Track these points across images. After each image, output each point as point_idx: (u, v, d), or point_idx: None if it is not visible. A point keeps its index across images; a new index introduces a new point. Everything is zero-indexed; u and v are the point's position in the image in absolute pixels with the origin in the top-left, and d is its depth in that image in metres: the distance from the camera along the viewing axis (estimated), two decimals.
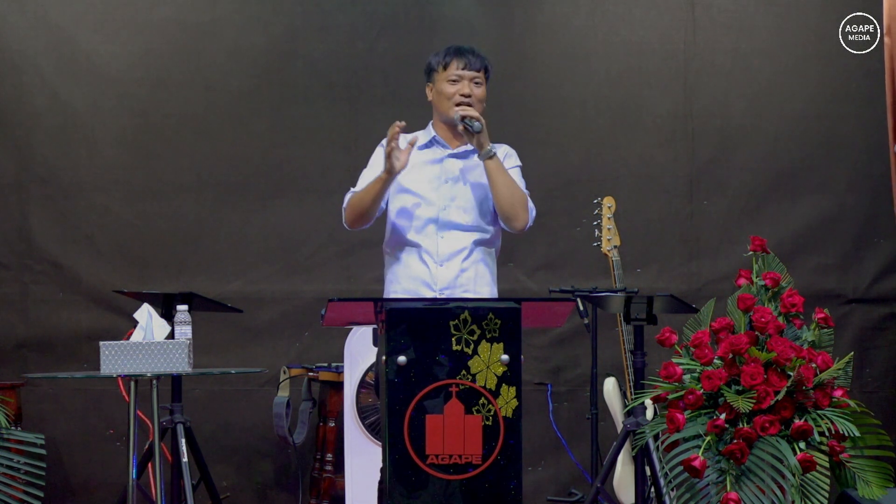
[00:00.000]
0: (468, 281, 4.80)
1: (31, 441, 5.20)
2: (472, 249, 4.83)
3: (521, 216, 4.81)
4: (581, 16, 6.76)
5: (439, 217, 4.81)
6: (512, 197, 4.77)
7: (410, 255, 4.83)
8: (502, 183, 4.76)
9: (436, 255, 4.80)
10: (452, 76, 4.83)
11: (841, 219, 6.75)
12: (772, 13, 6.77)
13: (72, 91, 6.60)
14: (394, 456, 4.14)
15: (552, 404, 6.48)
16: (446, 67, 4.84)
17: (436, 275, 4.78)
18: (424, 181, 4.85)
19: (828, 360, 4.65)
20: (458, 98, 4.81)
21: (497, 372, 4.19)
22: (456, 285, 4.78)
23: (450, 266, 4.80)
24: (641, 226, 6.66)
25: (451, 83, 4.83)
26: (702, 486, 4.54)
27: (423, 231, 4.82)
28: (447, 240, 4.81)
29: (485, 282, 4.84)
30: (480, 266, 4.85)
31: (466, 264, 4.82)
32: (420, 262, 4.81)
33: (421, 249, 4.81)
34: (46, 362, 6.49)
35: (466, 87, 4.82)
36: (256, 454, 6.62)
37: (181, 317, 5.13)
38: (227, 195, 6.65)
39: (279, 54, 6.68)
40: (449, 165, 4.87)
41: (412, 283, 4.82)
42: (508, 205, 4.77)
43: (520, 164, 4.97)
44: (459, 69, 4.82)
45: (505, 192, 4.76)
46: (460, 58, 4.83)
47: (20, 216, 6.59)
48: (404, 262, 4.84)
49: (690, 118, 6.75)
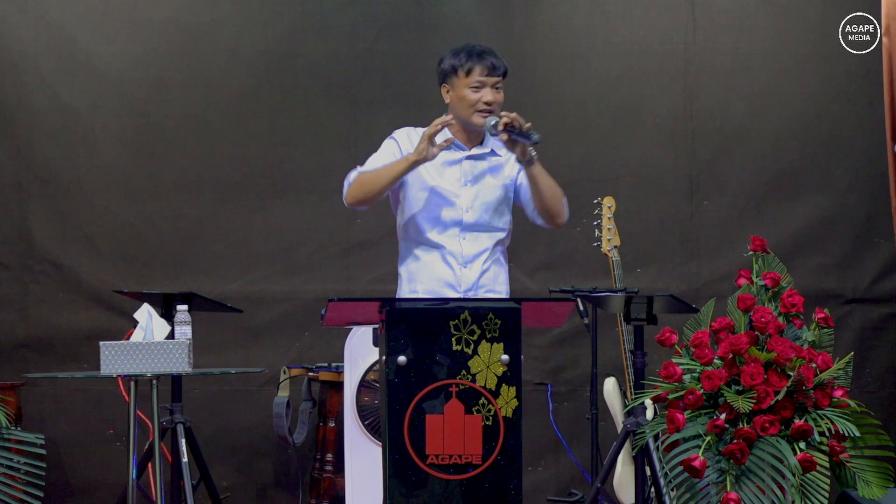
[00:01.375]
0: (489, 280, 4.83)
1: (31, 441, 5.20)
2: (492, 250, 4.84)
3: (563, 213, 4.86)
4: (581, 16, 6.76)
5: (463, 219, 4.80)
6: (555, 196, 4.82)
7: (433, 256, 4.81)
8: (547, 186, 4.79)
9: (460, 257, 4.79)
10: (475, 83, 4.73)
11: (841, 219, 6.75)
12: (772, 13, 6.77)
13: (72, 91, 6.60)
14: (394, 456, 4.14)
15: (552, 404, 6.48)
16: (469, 73, 4.73)
17: (460, 276, 4.78)
18: (447, 183, 4.82)
19: (828, 360, 4.66)
20: (482, 105, 4.74)
21: (497, 372, 4.19)
22: (479, 286, 4.80)
23: (473, 267, 4.80)
24: (641, 226, 6.66)
25: (473, 90, 4.74)
26: (702, 486, 4.54)
27: (446, 232, 4.80)
28: (469, 241, 4.81)
29: (501, 280, 4.88)
30: (498, 265, 4.88)
31: (487, 265, 4.83)
32: (444, 263, 4.79)
33: (444, 251, 4.79)
34: (46, 362, 6.49)
35: (490, 94, 4.74)
36: (256, 454, 6.62)
37: (181, 317, 5.13)
38: (227, 195, 6.64)
39: (279, 54, 6.68)
40: (468, 167, 4.86)
41: (436, 285, 4.80)
42: (552, 205, 4.81)
43: None
44: (483, 75, 4.73)
45: (549, 193, 4.79)
46: (483, 64, 4.73)
47: (20, 216, 6.59)
48: (426, 263, 4.82)
49: (690, 118, 6.75)
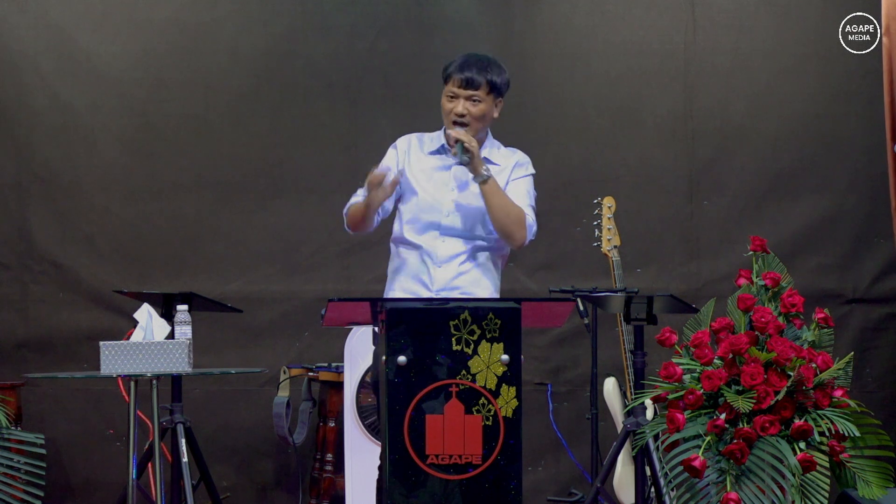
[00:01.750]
0: (466, 283, 4.78)
1: (31, 441, 5.20)
2: (473, 253, 4.81)
3: (517, 235, 4.77)
4: (581, 16, 6.75)
5: (442, 223, 4.80)
6: (507, 217, 4.74)
7: (412, 255, 4.83)
8: (496, 205, 4.74)
9: (435, 257, 4.79)
10: (450, 92, 4.77)
11: (841, 219, 6.75)
12: (772, 13, 6.77)
13: (72, 91, 6.60)
14: (394, 456, 4.14)
15: (552, 404, 6.48)
16: (447, 81, 4.78)
17: (434, 275, 4.77)
18: (434, 188, 4.83)
19: (828, 360, 4.66)
20: (454, 116, 4.76)
21: (497, 372, 4.19)
22: (453, 287, 4.77)
23: (447, 267, 4.78)
24: (641, 226, 6.66)
25: (448, 99, 4.78)
26: (702, 486, 4.54)
27: (425, 234, 4.81)
28: (448, 244, 4.80)
29: (483, 286, 4.82)
30: (480, 270, 4.83)
31: (465, 267, 4.80)
32: (420, 262, 4.81)
33: (422, 250, 4.81)
34: (46, 362, 6.49)
35: (461, 105, 4.75)
36: (256, 454, 6.62)
37: (181, 317, 5.13)
38: (227, 195, 6.64)
39: (279, 54, 6.68)
40: (457, 173, 4.84)
41: (410, 283, 4.81)
42: (502, 225, 4.75)
43: (533, 172, 4.92)
44: (456, 87, 4.76)
45: (499, 213, 4.74)
46: (459, 76, 4.75)
47: (20, 216, 6.59)
48: (406, 262, 4.84)
49: (690, 118, 6.75)
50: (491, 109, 4.80)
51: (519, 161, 4.90)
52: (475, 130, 4.77)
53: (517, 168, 4.88)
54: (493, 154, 4.87)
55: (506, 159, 4.88)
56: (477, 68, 4.77)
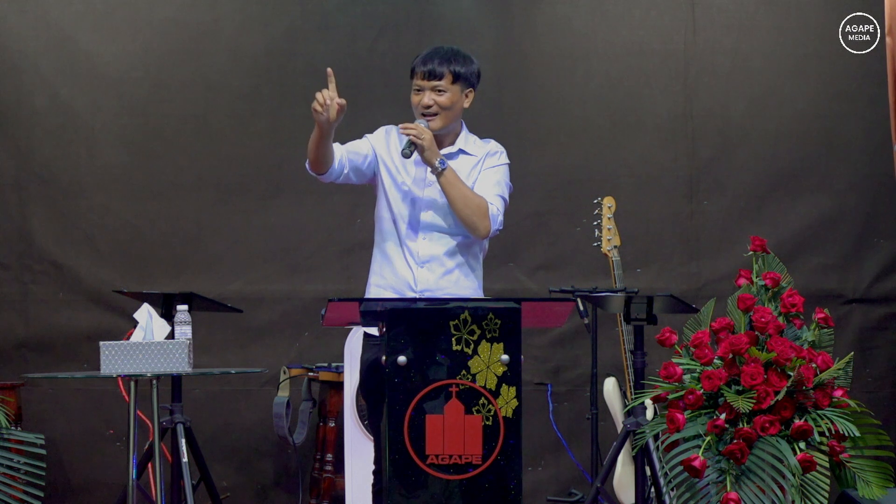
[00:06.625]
0: (450, 284, 4.76)
1: (31, 441, 5.20)
2: (455, 252, 4.78)
3: (480, 225, 4.72)
4: (581, 16, 6.75)
5: (421, 219, 4.78)
6: (467, 208, 4.70)
7: (396, 253, 4.80)
8: (455, 196, 4.70)
9: (416, 256, 4.77)
10: (416, 86, 4.79)
11: (841, 219, 6.75)
12: (772, 13, 6.77)
13: (72, 91, 6.60)
14: (393, 456, 4.14)
15: (552, 404, 6.48)
16: (413, 76, 4.80)
17: (417, 276, 4.75)
18: (411, 182, 4.82)
19: (828, 360, 4.66)
20: (421, 109, 4.76)
21: (497, 372, 4.19)
22: (437, 287, 4.74)
23: (430, 268, 4.75)
24: (641, 226, 6.66)
25: (415, 93, 4.79)
26: (702, 486, 4.54)
27: (405, 231, 4.78)
28: (428, 242, 4.77)
29: (467, 284, 4.80)
30: (464, 269, 4.80)
31: (449, 266, 4.77)
32: (403, 261, 4.78)
33: (403, 249, 4.78)
34: (46, 362, 6.49)
35: (427, 97, 4.76)
36: (256, 454, 6.62)
37: (181, 317, 5.14)
38: (227, 195, 6.65)
39: (279, 54, 6.68)
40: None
41: (393, 281, 4.78)
42: (464, 216, 4.71)
43: (506, 162, 4.86)
44: (420, 79, 4.77)
45: (459, 204, 4.70)
46: (422, 66, 4.77)
47: (20, 216, 6.60)
48: (390, 259, 4.81)
49: (690, 118, 6.75)
50: (459, 99, 4.77)
51: (491, 151, 4.85)
52: (446, 121, 4.75)
53: (489, 157, 4.83)
54: (468, 145, 4.83)
55: (480, 149, 4.84)
56: (439, 59, 4.77)
